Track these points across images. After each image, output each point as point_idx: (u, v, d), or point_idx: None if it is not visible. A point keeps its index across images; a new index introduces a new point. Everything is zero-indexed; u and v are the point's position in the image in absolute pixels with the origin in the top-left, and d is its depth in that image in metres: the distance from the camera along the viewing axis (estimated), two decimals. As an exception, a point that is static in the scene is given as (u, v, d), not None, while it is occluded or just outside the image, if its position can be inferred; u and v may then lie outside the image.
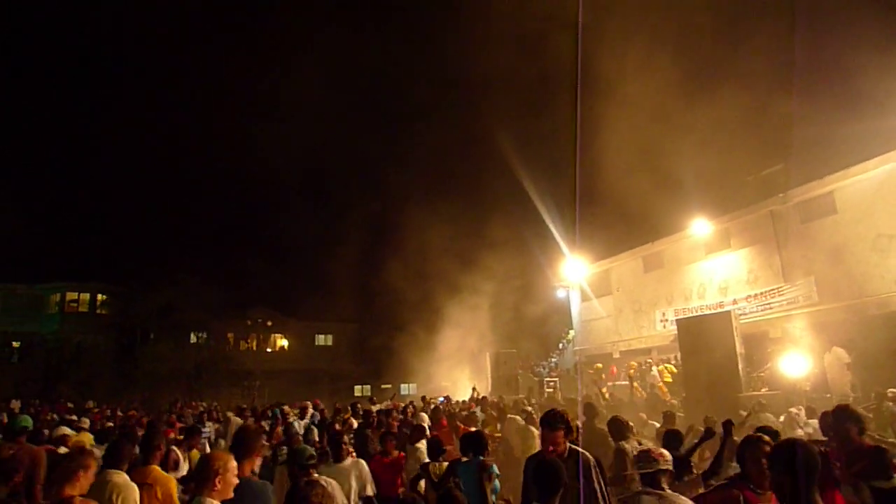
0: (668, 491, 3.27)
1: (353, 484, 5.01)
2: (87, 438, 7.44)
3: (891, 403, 9.19)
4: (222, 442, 9.40)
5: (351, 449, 5.20)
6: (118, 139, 57.83)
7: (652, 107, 22.03)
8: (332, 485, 4.33)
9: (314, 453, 4.65)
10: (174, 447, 6.16)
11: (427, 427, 8.11)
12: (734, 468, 3.65)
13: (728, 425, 4.79)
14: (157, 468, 4.37)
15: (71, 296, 35.88)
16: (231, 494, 3.00)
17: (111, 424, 10.75)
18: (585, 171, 19.57)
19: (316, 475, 4.32)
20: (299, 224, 63.22)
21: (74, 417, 11.04)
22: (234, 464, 3.06)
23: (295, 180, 65.42)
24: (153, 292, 32.34)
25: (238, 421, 10.55)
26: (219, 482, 2.93)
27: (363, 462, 5.05)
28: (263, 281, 45.08)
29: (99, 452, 4.38)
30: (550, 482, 3.06)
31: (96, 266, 38.85)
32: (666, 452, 3.50)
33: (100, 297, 36.32)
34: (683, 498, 3.20)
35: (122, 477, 3.93)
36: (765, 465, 3.10)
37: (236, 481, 3.05)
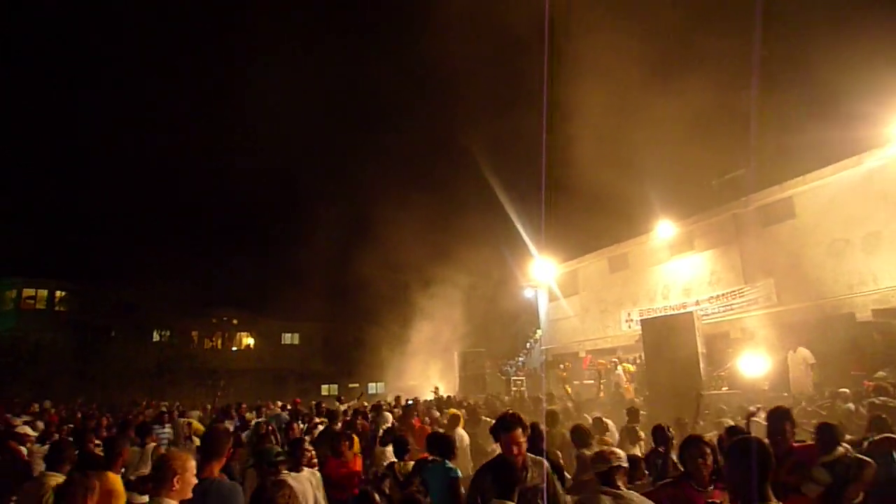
0: (625, 490, 3.33)
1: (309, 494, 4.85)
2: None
3: (842, 403, 9.52)
4: (172, 449, 9.15)
5: (313, 456, 5.06)
6: (77, 134, 56.26)
7: (619, 111, 22.40)
8: (300, 481, 4.28)
9: (281, 451, 4.61)
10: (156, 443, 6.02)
11: (393, 426, 8.11)
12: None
13: (663, 432, 5.15)
14: (114, 477, 4.10)
15: (28, 292, 34.72)
16: (190, 494, 2.94)
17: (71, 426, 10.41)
18: (554, 173, 19.77)
19: (284, 474, 4.28)
20: (267, 222, 62.57)
21: (26, 420, 10.58)
22: (192, 463, 3.01)
23: (262, 179, 64.53)
24: (114, 290, 31.56)
25: (183, 421, 10.32)
26: (177, 482, 2.87)
27: (317, 473, 4.92)
28: (230, 279, 44.46)
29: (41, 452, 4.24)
30: (507, 476, 3.13)
31: (55, 262, 37.63)
32: (618, 451, 3.57)
33: (58, 293, 35.21)
34: (639, 496, 3.26)
35: (59, 480, 3.76)
36: (700, 464, 3.30)
37: (195, 481, 2.99)
